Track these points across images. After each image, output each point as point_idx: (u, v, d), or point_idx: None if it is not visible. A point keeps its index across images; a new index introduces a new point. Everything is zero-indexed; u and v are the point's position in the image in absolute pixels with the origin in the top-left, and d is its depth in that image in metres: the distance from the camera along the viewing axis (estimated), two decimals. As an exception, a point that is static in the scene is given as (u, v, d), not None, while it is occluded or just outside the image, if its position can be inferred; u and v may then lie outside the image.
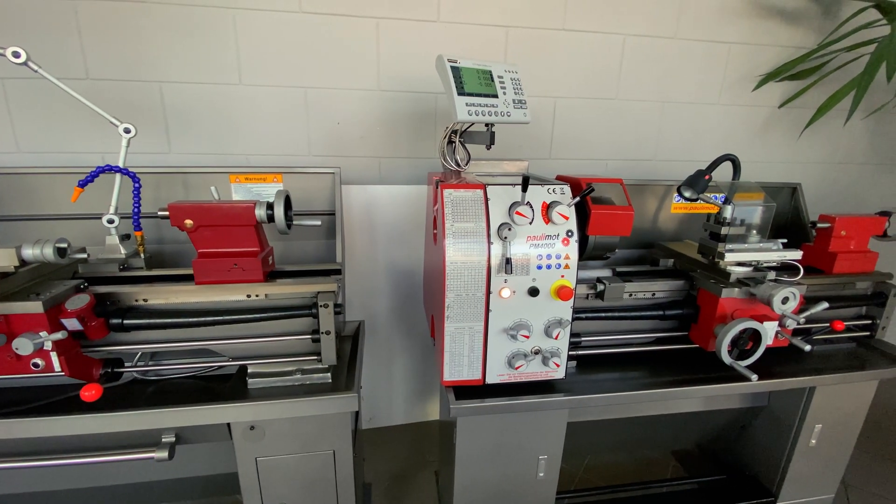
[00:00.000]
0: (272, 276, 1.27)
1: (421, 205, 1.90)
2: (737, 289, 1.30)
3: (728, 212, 1.39)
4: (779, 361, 1.45)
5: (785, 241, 1.37)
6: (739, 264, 1.35)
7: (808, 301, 1.35)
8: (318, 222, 1.34)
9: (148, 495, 1.59)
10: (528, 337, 1.16)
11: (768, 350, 1.32)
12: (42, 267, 1.18)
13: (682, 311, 1.40)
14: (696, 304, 1.40)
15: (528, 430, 1.32)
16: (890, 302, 1.57)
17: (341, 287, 1.34)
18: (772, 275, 1.32)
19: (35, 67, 1.17)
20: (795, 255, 1.35)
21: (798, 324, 1.29)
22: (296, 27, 1.67)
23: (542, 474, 1.37)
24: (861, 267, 1.58)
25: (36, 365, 1.03)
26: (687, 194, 1.46)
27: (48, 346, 1.01)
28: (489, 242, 1.11)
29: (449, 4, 1.74)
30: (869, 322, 1.62)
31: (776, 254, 1.35)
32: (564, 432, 1.34)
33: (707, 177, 1.43)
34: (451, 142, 1.36)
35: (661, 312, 1.40)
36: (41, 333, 0.99)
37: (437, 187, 1.18)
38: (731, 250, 1.35)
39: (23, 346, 0.96)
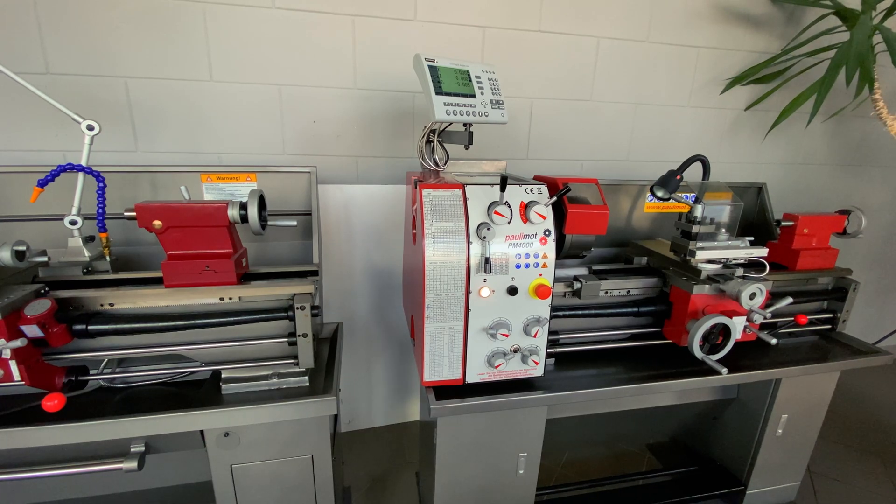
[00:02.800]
0: (246, 278, 1.24)
1: (399, 204, 1.89)
2: (707, 285, 1.34)
3: (698, 211, 1.44)
4: (747, 355, 1.51)
5: (752, 238, 1.42)
6: (709, 261, 1.39)
7: (773, 296, 1.41)
8: (294, 223, 1.32)
9: (116, 507, 1.53)
10: (507, 336, 1.17)
11: (737, 344, 1.37)
12: (-2, 271, 1.12)
13: (655, 308, 1.44)
14: (668, 300, 1.43)
15: (507, 428, 1.32)
16: (850, 296, 1.65)
17: (318, 288, 1.32)
18: (740, 271, 1.36)
19: (-12, 60, 1.11)
20: (762, 252, 1.40)
21: (764, 318, 1.34)
22: (269, 23, 1.64)
23: (521, 471, 1.38)
24: (822, 263, 1.65)
25: (-8, 375, 0.97)
26: (659, 194, 1.50)
27: (6, 354, 0.96)
28: (468, 242, 1.11)
29: (426, 3, 1.73)
30: (830, 316, 1.70)
31: (744, 251, 1.39)
32: (543, 429, 1.35)
33: (678, 177, 1.47)
34: (429, 141, 1.35)
35: (635, 309, 1.43)
36: (-2, 341, 0.94)
37: (415, 187, 1.17)
38: (701, 248, 1.39)
39: (-23, 355, 0.91)
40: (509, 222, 1.13)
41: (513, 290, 1.15)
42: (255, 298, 1.19)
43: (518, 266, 1.14)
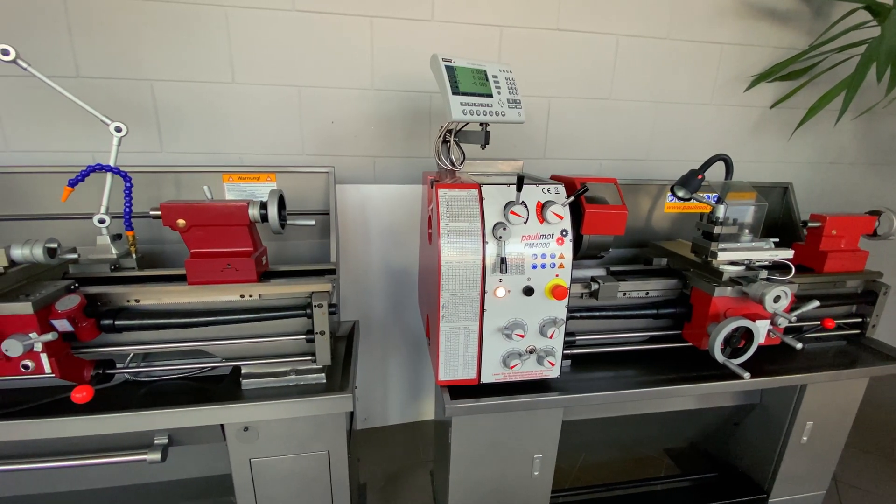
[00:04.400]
0: (266, 276, 1.26)
1: (415, 204, 1.89)
2: (729, 288, 1.31)
3: (721, 211, 1.40)
4: (771, 359, 1.47)
5: (776, 240, 1.38)
6: (732, 263, 1.36)
7: (799, 300, 1.37)
8: (312, 222, 1.34)
9: (140, 498, 1.57)
10: (522, 336, 1.16)
11: (760, 348, 1.34)
12: (32, 268, 1.16)
13: (675, 310, 1.41)
14: (689, 302, 1.41)
15: (523, 429, 1.32)
16: (880, 300, 1.59)
17: (336, 287, 1.33)
18: (764, 274, 1.33)
19: (24, 65, 1.16)
20: (787, 254, 1.36)
21: (790, 322, 1.30)
22: (289, 25, 1.66)
23: (536, 473, 1.38)
24: (851, 266, 1.60)
25: (26, 367, 1.01)
26: (680, 194, 1.47)
27: (38, 347, 1.00)
28: (484, 242, 1.11)
29: (443, 4, 1.74)
30: (859, 320, 1.64)
31: (768, 253, 1.36)
32: (559, 431, 1.34)
33: (700, 176, 1.44)
34: (445, 141, 1.36)
35: (654, 311, 1.41)
36: (31, 335, 0.98)
37: (431, 187, 1.17)
38: (723, 249, 1.36)
39: (12, 347, 0.95)
40: (525, 222, 1.12)
41: (529, 291, 1.14)
42: (274, 296, 1.21)
43: (534, 266, 1.14)
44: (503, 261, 1.10)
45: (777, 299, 1.25)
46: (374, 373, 2.15)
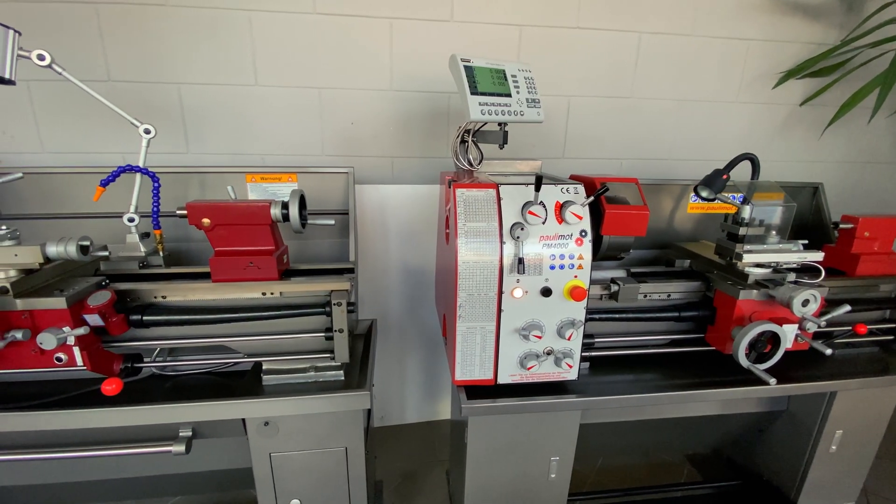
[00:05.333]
0: (287, 274, 1.28)
1: (433, 204, 1.90)
2: (755, 290, 1.27)
3: (746, 212, 1.37)
4: (799, 365, 1.42)
5: (806, 241, 1.34)
6: (758, 265, 1.33)
7: (829, 304, 1.32)
8: (332, 221, 1.36)
9: (165, 488, 1.63)
10: (540, 337, 1.16)
11: (788, 353, 1.30)
12: (66, 264, 1.21)
13: (698, 313, 1.38)
14: (712, 305, 1.37)
15: (540, 430, 1.31)
16: (916, 305, 1.52)
17: (354, 286, 1.35)
18: (792, 276, 1.29)
19: (59, 70, 1.21)
20: (817, 256, 1.31)
21: (819, 327, 1.26)
22: (310, 28, 1.69)
23: (553, 475, 1.36)
24: (885, 269, 1.54)
25: (59, 359, 1.06)
26: (704, 194, 1.43)
27: (71, 340, 1.04)
28: (501, 242, 1.10)
29: (462, 4, 1.74)
30: (893, 326, 1.57)
31: (796, 255, 1.31)
32: (577, 434, 1.33)
33: (725, 176, 1.40)
34: (463, 141, 1.36)
35: (676, 314, 1.38)
36: (64, 328, 1.02)
37: (449, 187, 1.18)
38: (749, 251, 1.32)
39: (46, 340, 0.99)
40: (544, 222, 1.12)
41: (546, 292, 1.13)
42: (294, 294, 1.23)
43: (552, 267, 1.13)
44: (521, 261, 1.10)
45: (806, 303, 1.21)
46: (391, 371, 2.16)
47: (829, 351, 1.25)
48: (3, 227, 1.07)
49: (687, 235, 1.86)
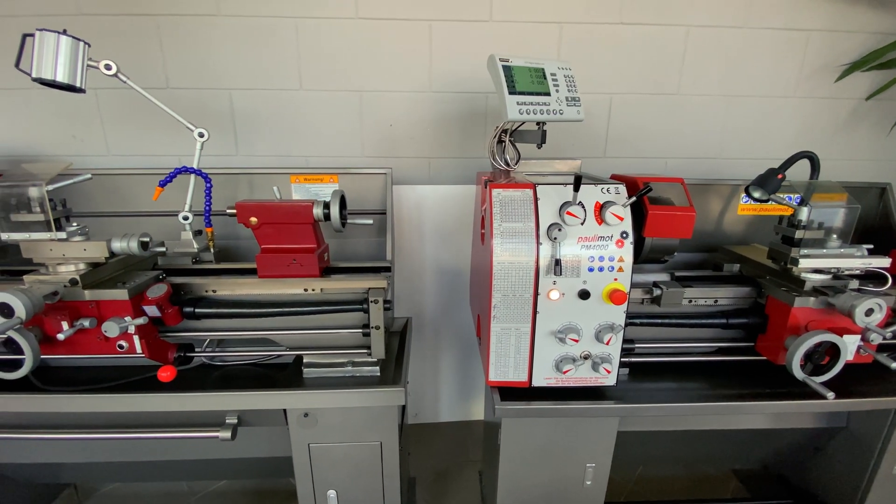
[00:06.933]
0: (327, 271, 1.33)
1: (469, 205, 1.90)
2: (812, 298, 1.19)
3: (804, 214, 1.28)
4: (861, 379, 1.32)
5: (871, 246, 1.24)
6: (816, 271, 1.24)
7: (897, 314, 1.22)
8: (370, 221, 1.39)
9: (212, 472, 1.71)
10: (577, 341, 1.13)
11: (848, 366, 1.21)
12: (127, 258, 1.30)
13: (748, 321, 1.31)
14: (763, 313, 1.30)
15: (575, 436, 1.28)
16: None
17: (391, 284, 1.37)
18: (854, 283, 1.20)
19: (124, 79, 1.30)
20: (883, 262, 1.21)
21: (884, 339, 1.17)
22: (352, 33, 1.73)
23: (589, 482, 1.33)
24: (965, 277, 1.40)
25: (121, 346, 1.14)
26: (756, 195, 1.36)
27: (132, 329, 1.12)
28: (538, 243, 1.09)
29: (501, 3, 1.73)
30: (974, 340, 1.43)
31: (860, 260, 1.22)
32: (614, 441, 1.29)
33: (780, 175, 1.32)
34: (500, 141, 1.35)
35: (723, 321, 1.31)
36: (126, 318, 1.10)
37: (485, 187, 1.18)
38: (806, 256, 1.24)
39: (110, 328, 1.07)
40: (583, 223, 1.09)
41: (584, 294, 1.11)
42: (334, 291, 1.27)
43: (591, 269, 1.10)
44: (558, 262, 1.08)
45: (869, 312, 1.12)
46: (425, 369, 2.18)
47: (894, 364, 1.15)
48: (74, 224, 1.17)
49: (737, 238, 1.77)
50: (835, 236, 1.28)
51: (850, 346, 1.18)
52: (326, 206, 1.25)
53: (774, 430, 1.52)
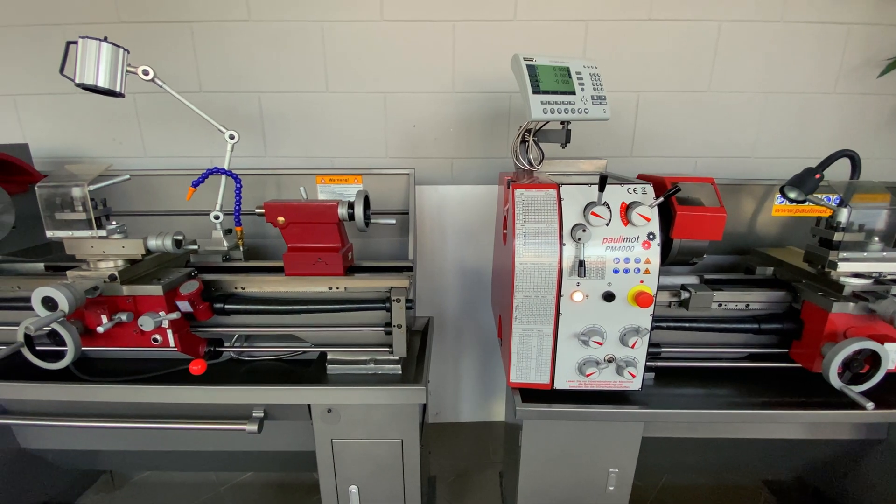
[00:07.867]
0: (351, 270, 1.35)
1: (491, 205, 1.90)
2: (852, 303, 1.14)
3: (843, 215, 1.22)
4: (904, 390, 1.25)
5: (917, 250, 1.18)
6: (856, 275, 1.19)
7: (946, 322, 1.15)
8: (393, 221, 1.41)
9: (238, 463, 1.76)
10: (601, 344, 1.11)
11: (890, 375, 1.15)
12: (162, 256, 1.35)
13: (781, 326, 1.26)
14: (799, 318, 1.25)
15: (598, 440, 1.26)
16: None
17: (413, 283, 1.38)
18: (898, 289, 1.14)
19: (160, 83, 1.36)
20: (931, 267, 1.15)
21: (932, 348, 1.10)
22: (377, 35, 1.75)
23: (612, 488, 1.31)
24: None
25: (155, 340, 1.19)
26: (792, 195, 1.31)
27: (165, 324, 1.17)
28: (561, 244, 1.08)
29: (526, 2, 1.72)
30: None
31: (905, 265, 1.16)
32: (638, 447, 1.27)
33: (818, 175, 1.27)
34: (524, 141, 1.34)
35: (756, 326, 1.27)
36: (160, 313, 1.15)
37: (508, 187, 1.17)
38: (845, 259, 1.19)
39: (146, 322, 1.12)
40: (608, 224, 1.08)
41: (609, 297, 1.09)
42: (358, 289, 1.29)
43: (616, 271, 1.08)
44: (581, 264, 1.07)
45: (915, 320, 1.06)
46: (446, 369, 2.19)
47: (945, 376, 1.09)
48: (114, 223, 1.22)
49: (771, 241, 1.71)
50: (876, 239, 1.22)
51: (891, 354, 1.12)
52: (351, 206, 1.27)
53: (809, 441, 1.46)
